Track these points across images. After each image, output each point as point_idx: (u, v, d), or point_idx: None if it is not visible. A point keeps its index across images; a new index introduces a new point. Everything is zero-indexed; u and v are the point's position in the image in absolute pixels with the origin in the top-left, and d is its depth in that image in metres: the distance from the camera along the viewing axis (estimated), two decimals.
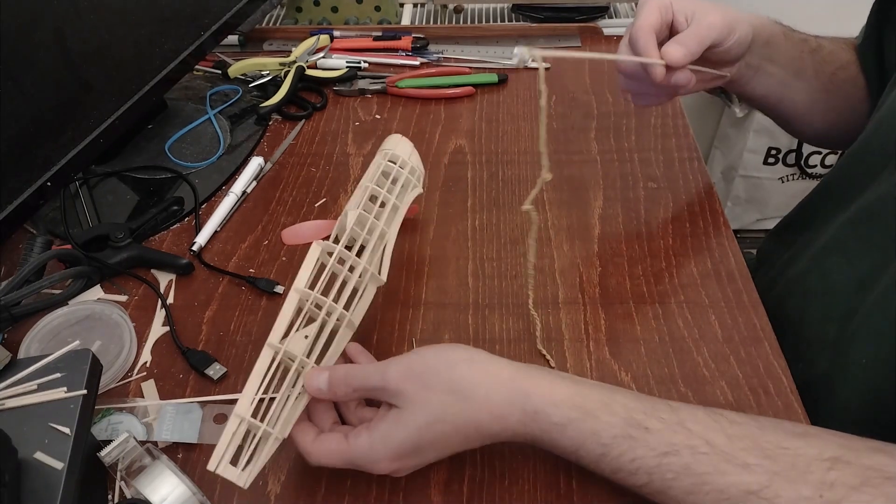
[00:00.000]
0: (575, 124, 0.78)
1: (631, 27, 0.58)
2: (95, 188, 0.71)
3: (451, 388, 0.42)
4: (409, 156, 0.59)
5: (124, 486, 0.46)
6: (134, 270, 0.62)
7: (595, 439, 0.41)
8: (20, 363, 0.47)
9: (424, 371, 0.43)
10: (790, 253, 0.66)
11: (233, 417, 0.42)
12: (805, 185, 1.57)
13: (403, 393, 0.42)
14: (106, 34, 0.64)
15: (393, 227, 0.55)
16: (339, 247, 0.49)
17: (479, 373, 0.43)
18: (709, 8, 0.57)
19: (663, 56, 0.55)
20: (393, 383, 0.42)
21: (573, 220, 0.66)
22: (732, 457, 0.39)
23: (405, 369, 0.43)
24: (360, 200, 0.54)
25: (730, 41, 0.58)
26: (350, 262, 0.50)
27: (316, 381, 0.44)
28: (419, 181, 0.60)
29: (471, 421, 0.42)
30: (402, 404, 0.42)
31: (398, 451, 0.42)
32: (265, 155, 0.75)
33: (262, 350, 0.44)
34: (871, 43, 0.65)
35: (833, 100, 0.66)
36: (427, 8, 1.09)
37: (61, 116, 0.60)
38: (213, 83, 0.87)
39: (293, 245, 0.65)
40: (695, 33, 0.56)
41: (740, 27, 0.58)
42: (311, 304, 0.47)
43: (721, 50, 0.58)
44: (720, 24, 0.57)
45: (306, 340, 0.46)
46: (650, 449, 0.40)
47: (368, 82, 0.85)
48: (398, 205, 0.56)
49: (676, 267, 0.61)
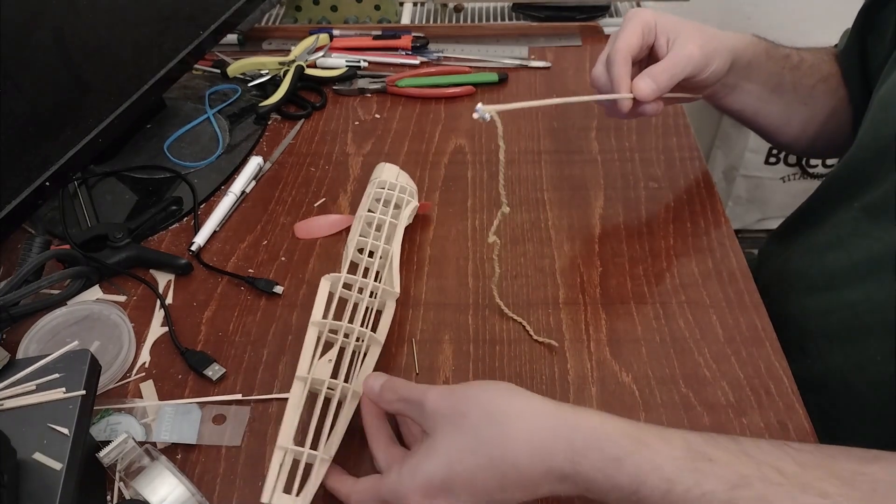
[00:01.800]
0: (575, 124, 0.78)
1: (611, 44, 0.58)
2: (94, 188, 0.71)
3: (487, 411, 0.39)
4: (395, 177, 0.63)
5: (123, 486, 0.46)
6: (133, 270, 0.62)
7: (658, 473, 0.36)
8: (19, 363, 0.47)
9: (463, 396, 0.40)
10: (791, 251, 0.67)
11: (277, 450, 0.44)
12: (807, 185, 1.57)
13: (438, 413, 0.40)
14: (105, 33, 0.64)
15: (395, 244, 0.57)
16: (342, 275, 0.52)
17: (520, 401, 0.40)
18: (691, 34, 0.57)
19: (633, 88, 0.55)
20: (430, 402, 0.40)
21: (574, 219, 0.66)
22: (809, 486, 0.35)
23: (445, 390, 0.41)
24: (357, 230, 0.58)
25: (705, 73, 0.58)
26: (358, 285, 0.53)
27: (372, 381, 0.45)
28: (412, 195, 0.63)
29: (508, 454, 0.38)
30: (434, 429, 0.40)
31: (426, 484, 0.39)
32: (264, 154, 0.75)
33: (293, 383, 0.47)
34: (854, 50, 0.65)
35: (812, 111, 0.66)
36: (427, 7, 1.09)
37: (60, 116, 0.60)
38: (212, 82, 0.86)
39: (305, 239, 0.65)
40: (669, 68, 0.56)
41: (718, 58, 0.58)
42: (330, 332, 0.51)
43: (695, 80, 0.58)
44: (697, 57, 0.56)
45: (330, 364, 0.49)
46: (720, 481, 0.36)
47: (368, 81, 0.85)
48: (395, 222, 0.59)
49: (677, 267, 0.60)
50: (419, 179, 0.70)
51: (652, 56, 0.59)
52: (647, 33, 0.57)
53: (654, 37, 0.58)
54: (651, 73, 0.56)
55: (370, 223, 0.59)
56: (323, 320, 0.50)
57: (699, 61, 0.57)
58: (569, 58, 0.89)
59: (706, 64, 0.57)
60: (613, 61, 0.56)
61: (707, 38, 0.57)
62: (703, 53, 0.57)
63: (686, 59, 0.56)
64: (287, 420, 0.46)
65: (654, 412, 0.50)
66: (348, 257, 0.56)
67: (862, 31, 0.64)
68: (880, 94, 0.58)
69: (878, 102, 0.58)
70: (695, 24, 0.59)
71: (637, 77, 0.56)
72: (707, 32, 0.58)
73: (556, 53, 0.90)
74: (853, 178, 0.60)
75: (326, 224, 0.66)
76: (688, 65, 0.56)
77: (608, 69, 0.57)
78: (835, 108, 0.66)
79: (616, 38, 0.57)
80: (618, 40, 0.57)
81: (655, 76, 0.55)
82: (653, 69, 0.56)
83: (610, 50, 0.57)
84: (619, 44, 0.56)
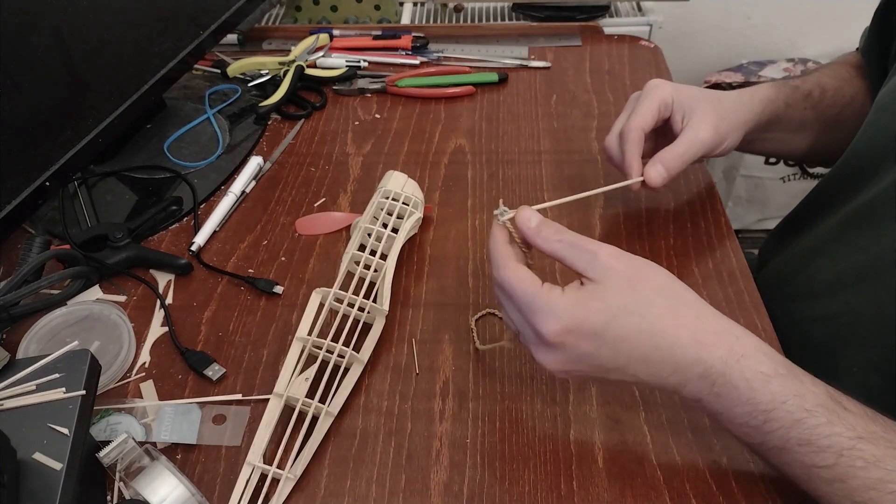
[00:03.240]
0: (575, 124, 0.78)
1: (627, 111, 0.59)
2: (94, 188, 0.71)
3: (664, 292, 0.40)
4: (402, 187, 0.62)
5: (123, 486, 0.46)
6: (133, 270, 0.62)
7: (798, 401, 0.38)
8: (19, 363, 0.47)
9: (643, 265, 0.41)
10: (784, 253, 0.67)
11: (245, 466, 0.46)
12: (806, 186, 1.56)
13: (612, 268, 0.40)
14: (105, 33, 0.64)
15: (390, 258, 0.57)
16: (332, 290, 0.53)
17: (691, 295, 0.41)
18: (706, 113, 0.57)
19: (644, 173, 0.56)
20: (604, 256, 0.40)
21: (574, 219, 0.66)
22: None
23: (620, 252, 0.41)
24: (356, 242, 0.58)
25: (718, 150, 0.59)
26: (347, 300, 0.53)
27: (528, 212, 0.43)
28: (417, 206, 0.62)
29: (670, 330, 0.39)
30: (604, 280, 0.40)
31: (581, 321, 0.39)
32: (264, 154, 0.75)
33: (270, 398, 0.49)
34: (875, 52, 0.65)
35: (841, 135, 0.66)
36: (427, 7, 1.09)
37: (60, 116, 0.60)
38: (212, 82, 0.86)
39: (306, 235, 0.65)
40: (681, 154, 0.56)
41: (732, 135, 0.59)
42: (313, 347, 0.52)
43: (709, 156, 0.59)
44: (710, 140, 0.57)
45: (307, 382, 0.50)
46: (849, 428, 0.37)
47: (368, 81, 0.85)
48: (393, 236, 0.59)
49: (678, 267, 0.60)
50: (419, 179, 0.70)
51: (667, 127, 0.59)
52: (664, 109, 0.58)
53: (670, 112, 0.58)
54: (663, 161, 0.56)
55: (370, 234, 0.59)
56: (307, 336, 0.51)
57: (712, 143, 0.57)
58: (569, 58, 0.89)
59: (719, 143, 0.58)
60: (627, 139, 0.57)
61: (721, 116, 0.58)
62: (717, 134, 0.57)
63: (699, 145, 0.57)
64: (259, 436, 0.47)
65: (653, 412, 0.50)
66: (343, 271, 0.56)
67: (880, 33, 0.64)
68: (878, 98, 0.58)
69: (875, 106, 0.57)
70: (711, 97, 0.59)
71: (649, 164, 0.56)
72: (723, 107, 0.58)
73: (556, 53, 0.90)
74: (844, 184, 0.60)
75: (328, 221, 0.66)
76: (700, 149, 0.57)
77: (621, 144, 0.58)
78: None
79: (633, 112, 0.58)
80: (634, 116, 0.57)
81: (668, 164, 0.56)
82: (665, 156, 0.56)
83: (624, 125, 0.58)
84: (635, 121, 0.57)
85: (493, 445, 0.48)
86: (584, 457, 0.47)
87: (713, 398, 0.40)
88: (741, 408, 0.39)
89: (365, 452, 0.48)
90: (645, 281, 0.40)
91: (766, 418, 0.39)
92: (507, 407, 0.51)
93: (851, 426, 0.38)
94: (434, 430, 0.49)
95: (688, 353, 0.39)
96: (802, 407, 0.38)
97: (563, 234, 0.42)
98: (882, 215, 0.53)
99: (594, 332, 0.39)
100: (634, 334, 0.39)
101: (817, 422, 0.38)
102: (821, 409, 0.38)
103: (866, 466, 0.37)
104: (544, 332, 0.40)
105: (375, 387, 0.52)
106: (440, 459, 0.48)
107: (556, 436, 0.49)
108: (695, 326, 0.39)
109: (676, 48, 1.51)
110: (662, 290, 0.40)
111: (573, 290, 0.40)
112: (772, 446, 0.40)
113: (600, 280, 0.40)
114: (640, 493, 0.45)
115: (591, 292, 0.40)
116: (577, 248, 0.41)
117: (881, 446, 0.37)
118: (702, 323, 0.40)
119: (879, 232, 0.53)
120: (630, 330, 0.39)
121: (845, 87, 0.66)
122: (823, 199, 0.64)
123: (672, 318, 0.39)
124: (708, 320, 0.40)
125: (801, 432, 0.38)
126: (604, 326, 0.39)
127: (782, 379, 0.39)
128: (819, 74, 0.67)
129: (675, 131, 0.58)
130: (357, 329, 0.53)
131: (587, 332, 0.39)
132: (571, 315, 0.39)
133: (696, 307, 0.41)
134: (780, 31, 1.56)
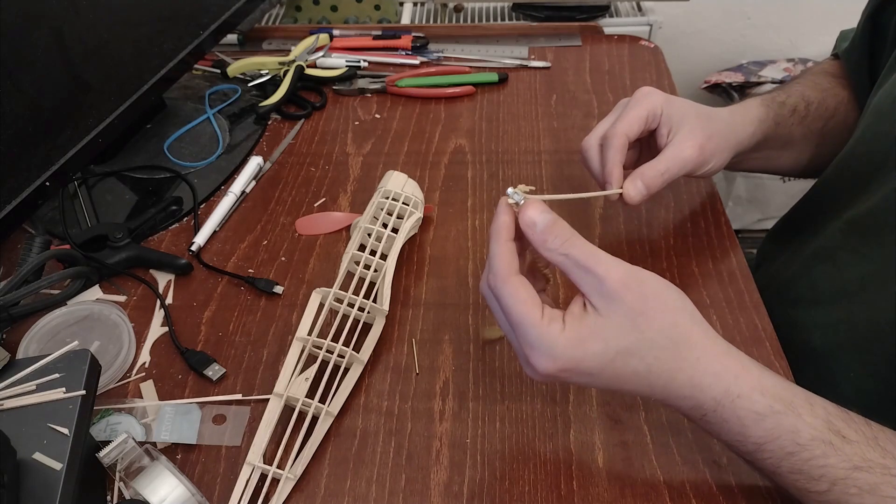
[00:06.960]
0: (575, 123, 0.78)
1: (613, 115, 0.56)
2: (94, 188, 0.71)
3: (668, 332, 0.38)
4: (402, 187, 0.62)
5: (123, 486, 0.46)
6: (133, 270, 0.62)
7: (792, 437, 0.38)
8: (19, 363, 0.47)
9: (649, 295, 0.38)
10: (785, 256, 0.66)
11: (245, 466, 0.46)
12: (806, 186, 1.54)
13: (619, 299, 0.37)
14: (105, 33, 0.64)
15: (390, 258, 0.57)
16: (333, 290, 0.53)
17: (698, 333, 0.39)
18: (693, 130, 0.54)
19: (624, 188, 0.53)
20: (613, 282, 0.37)
21: (574, 220, 0.65)
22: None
23: (628, 277, 0.38)
24: (356, 242, 0.58)
25: (701, 171, 0.56)
26: (347, 301, 0.53)
27: (535, 214, 0.39)
28: (417, 206, 0.62)
29: (668, 374, 0.39)
30: (608, 313, 0.38)
31: (578, 362, 0.38)
32: (264, 154, 0.75)
33: (270, 399, 0.49)
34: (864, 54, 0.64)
35: (826, 148, 0.65)
36: (427, 7, 1.09)
37: (60, 116, 0.60)
38: (212, 82, 0.86)
39: (306, 235, 0.65)
40: (662, 173, 0.53)
41: (718, 157, 0.56)
42: (313, 347, 0.52)
43: (691, 175, 0.56)
44: (694, 160, 0.54)
45: (307, 382, 0.50)
46: (844, 459, 0.37)
47: (368, 81, 0.85)
48: (393, 236, 0.59)
49: (678, 267, 0.60)
50: (419, 179, 0.70)
51: (651, 139, 0.57)
52: (652, 120, 0.55)
53: (657, 123, 0.55)
54: (644, 178, 0.53)
55: (370, 234, 0.59)
56: (307, 336, 0.51)
57: (696, 162, 0.54)
58: (569, 58, 0.89)
59: (703, 163, 0.55)
60: (610, 144, 0.54)
61: (709, 136, 0.55)
62: (702, 154, 0.54)
63: (681, 163, 0.54)
64: (259, 436, 0.48)
65: (653, 412, 0.50)
66: (343, 271, 0.56)
67: (869, 35, 0.64)
68: (875, 101, 0.57)
69: (873, 109, 0.57)
70: (703, 113, 0.56)
71: (629, 178, 0.53)
72: (713, 126, 0.55)
73: (556, 53, 0.90)
74: (843, 188, 0.59)
75: (328, 221, 0.66)
76: (682, 168, 0.54)
77: (603, 149, 0.55)
78: (850, 132, 0.63)
79: (620, 117, 0.55)
80: (620, 122, 0.54)
81: (648, 182, 0.53)
82: (646, 172, 0.53)
83: (608, 129, 0.55)
84: (621, 126, 0.54)
85: (493, 445, 0.48)
86: (584, 456, 0.47)
87: (703, 423, 0.41)
88: (730, 437, 0.40)
89: (365, 452, 0.48)
90: (651, 319, 0.38)
91: (757, 449, 0.39)
92: (507, 407, 0.51)
93: (847, 457, 0.37)
94: (434, 430, 0.49)
95: (682, 391, 0.39)
96: (795, 442, 0.38)
97: (569, 247, 0.39)
98: (884, 223, 0.53)
99: (589, 373, 0.39)
100: (629, 375, 0.39)
101: (811, 455, 0.38)
102: (815, 443, 0.38)
103: (860, 493, 0.37)
104: (538, 368, 0.39)
105: (375, 387, 0.53)
106: (440, 459, 0.48)
107: (556, 435, 0.49)
108: (693, 369, 0.39)
109: (676, 48, 1.51)
110: (667, 330, 0.39)
111: (574, 324, 0.38)
112: (762, 468, 0.40)
113: (604, 313, 0.38)
114: (640, 493, 0.45)
115: (593, 330, 0.38)
116: (583, 270, 0.38)
117: (877, 473, 0.37)
118: (701, 365, 0.39)
119: (882, 241, 0.53)
120: (626, 371, 0.39)
121: (828, 99, 0.65)
122: (823, 202, 0.63)
123: (671, 362, 0.39)
124: (709, 362, 0.39)
125: (793, 464, 0.38)
126: (600, 369, 0.39)
127: (777, 417, 0.38)
128: (801, 87, 0.65)
129: (659, 145, 0.55)
130: (357, 329, 0.53)
131: (582, 371, 0.39)
132: (569, 357, 0.38)
133: (700, 347, 0.39)
134: (780, 31, 1.56)
